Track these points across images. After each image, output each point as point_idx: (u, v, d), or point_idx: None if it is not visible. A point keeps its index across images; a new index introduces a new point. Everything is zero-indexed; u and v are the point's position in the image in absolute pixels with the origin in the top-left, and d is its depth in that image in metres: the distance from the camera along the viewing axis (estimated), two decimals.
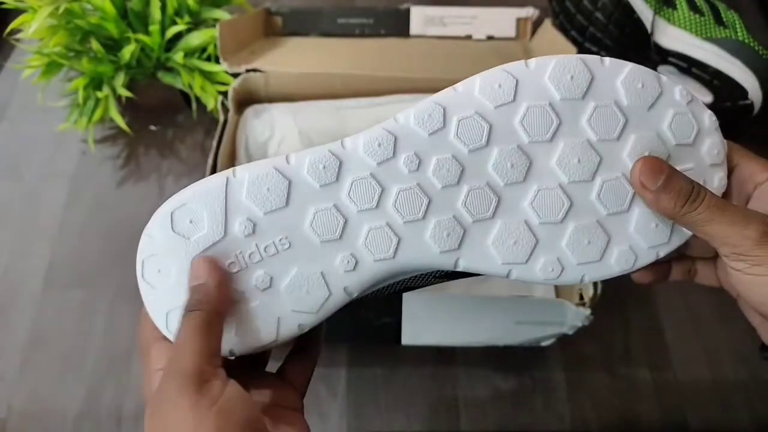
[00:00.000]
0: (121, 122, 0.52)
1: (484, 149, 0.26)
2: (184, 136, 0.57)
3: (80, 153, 0.56)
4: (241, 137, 0.49)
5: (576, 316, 0.40)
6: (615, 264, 0.27)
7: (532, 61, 0.26)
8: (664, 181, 0.25)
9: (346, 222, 0.26)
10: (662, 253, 0.27)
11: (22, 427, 0.44)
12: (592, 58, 0.26)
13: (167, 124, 0.58)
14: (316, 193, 0.25)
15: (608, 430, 0.44)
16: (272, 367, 0.30)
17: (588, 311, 0.39)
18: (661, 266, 0.29)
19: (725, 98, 0.54)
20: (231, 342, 0.26)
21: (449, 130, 0.26)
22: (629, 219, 0.26)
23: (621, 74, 0.26)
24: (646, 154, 0.26)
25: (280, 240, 0.26)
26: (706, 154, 0.26)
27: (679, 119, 0.26)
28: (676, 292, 0.49)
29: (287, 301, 0.26)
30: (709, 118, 0.26)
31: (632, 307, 0.49)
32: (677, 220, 0.25)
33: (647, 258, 0.27)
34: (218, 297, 0.24)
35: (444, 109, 0.25)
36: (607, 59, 0.26)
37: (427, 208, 0.26)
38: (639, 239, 0.26)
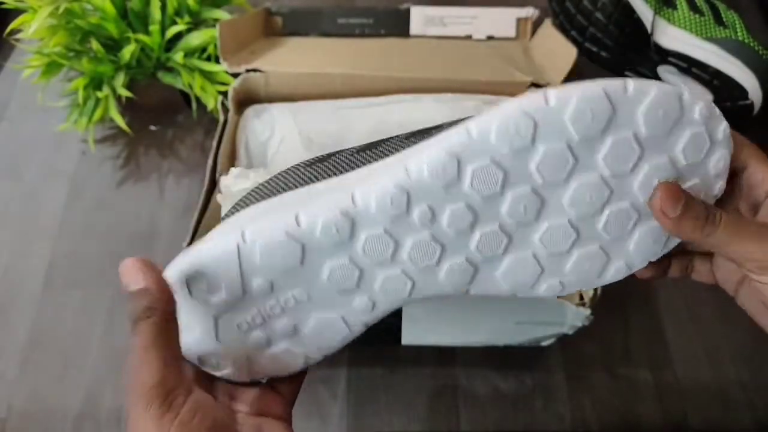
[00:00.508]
0: (121, 122, 0.52)
1: (498, 196, 0.25)
2: (184, 136, 0.57)
3: (80, 153, 0.56)
4: (241, 137, 0.49)
5: (576, 316, 0.40)
6: (611, 278, 0.28)
7: (552, 97, 0.24)
8: (682, 208, 0.25)
9: (361, 273, 0.26)
10: (654, 259, 0.27)
11: (22, 427, 0.44)
12: (615, 88, 0.24)
13: (167, 124, 0.58)
14: (330, 251, 0.26)
15: (608, 431, 0.44)
16: None
17: (588, 311, 0.39)
18: (660, 263, 0.29)
19: (725, 98, 0.54)
20: (260, 372, 0.28)
21: (464, 181, 0.25)
22: (630, 240, 0.27)
23: (643, 103, 0.24)
24: (656, 181, 0.25)
25: (298, 292, 0.26)
26: (713, 167, 0.26)
27: (694, 139, 0.25)
28: (676, 292, 0.49)
29: (312, 342, 0.28)
30: (723, 131, 0.26)
31: (632, 306, 0.48)
32: (698, 244, 0.26)
33: (640, 267, 0.28)
34: (164, 298, 0.24)
35: (458, 161, 0.24)
36: (630, 86, 0.24)
37: (440, 255, 0.26)
38: (636, 255, 0.27)
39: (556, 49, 0.51)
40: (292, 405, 0.29)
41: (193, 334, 0.26)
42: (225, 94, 0.50)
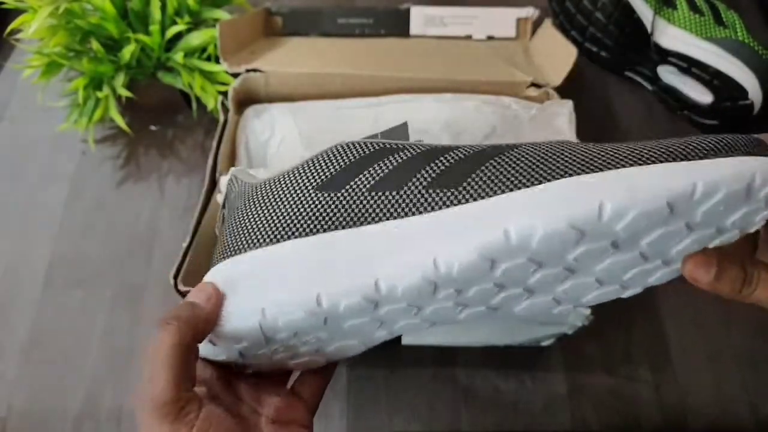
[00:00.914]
0: (121, 122, 0.52)
1: (529, 277, 0.24)
2: (184, 136, 0.57)
3: (80, 153, 0.56)
4: (241, 137, 0.49)
5: (576, 316, 0.39)
6: (624, 296, 0.27)
7: (608, 209, 0.21)
8: (715, 274, 0.24)
9: (382, 323, 0.26)
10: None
11: (22, 427, 0.44)
12: (680, 198, 0.21)
13: (167, 124, 0.58)
14: (352, 317, 0.25)
15: (608, 431, 0.44)
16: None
17: (588, 311, 0.39)
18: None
19: (725, 98, 0.54)
20: (284, 369, 0.29)
21: (495, 273, 0.23)
22: (651, 279, 0.26)
23: (707, 204, 0.21)
24: (695, 247, 0.24)
25: (321, 335, 0.27)
26: (759, 221, 0.24)
27: (749, 213, 0.23)
28: (677, 292, 0.49)
29: (332, 355, 0.29)
30: None
31: (633, 307, 0.48)
32: (741, 301, 0.25)
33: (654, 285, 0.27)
34: (203, 326, 0.24)
35: (492, 261, 0.23)
36: (699, 190, 0.21)
37: (461, 310, 0.26)
38: (653, 283, 0.26)
39: (556, 49, 0.51)
40: (314, 412, 0.29)
41: (220, 358, 0.27)
42: (225, 94, 0.50)
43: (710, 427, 0.44)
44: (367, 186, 0.25)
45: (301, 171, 0.27)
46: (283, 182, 0.27)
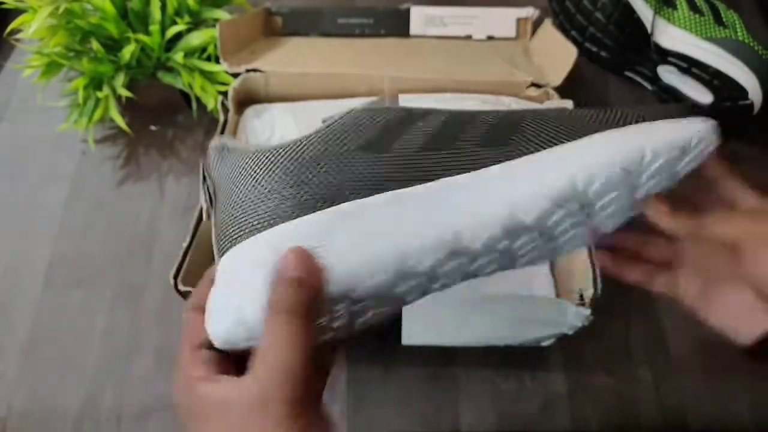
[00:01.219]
0: (121, 122, 0.52)
1: (564, 224, 0.27)
2: (184, 136, 0.57)
3: (80, 153, 0.56)
4: (241, 137, 0.49)
5: (576, 316, 0.40)
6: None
7: (648, 152, 0.25)
8: (669, 209, 0.29)
9: (430, 284, 0.27)
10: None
11: (22, 427, 0.44)
12: (686, 143, 0.26)
13: (167, 124, 0.58)
14: (416, 278, 0.26)
15: (608, 431, 0.44)
16: None
17: (588, 311, 0.39)
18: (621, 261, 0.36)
19: (725, 98, 0.54)
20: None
21: (551, 220, 0.26)
22: (614, 222, 0.30)
23: (696, 150, 0.27)
24: (652, 192, 0.28)
25: (368, 302, 0.26)
26: (680, 170, 0.28)
27: (694, 160, 0.28)
28: None
29: (359, 328, 0.29)
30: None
31: (632, 306, 0.48)
32: (697, 233, 0.29)
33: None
34: (317, 306, 0.23)
35: (557, 206, 0.26)
36: (695, 137, 0.26)
37: (497, 266, 0.28)
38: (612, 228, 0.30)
39: (556, 49, 0.52)
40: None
41: (241, 345, 0.25)
42: (225, 94, 0.50)
43: (710, 427, 0.44)
44: (416, 147, 0.26)
45: (333, 133, 0.27)
46: (310, 145, 0.27)
